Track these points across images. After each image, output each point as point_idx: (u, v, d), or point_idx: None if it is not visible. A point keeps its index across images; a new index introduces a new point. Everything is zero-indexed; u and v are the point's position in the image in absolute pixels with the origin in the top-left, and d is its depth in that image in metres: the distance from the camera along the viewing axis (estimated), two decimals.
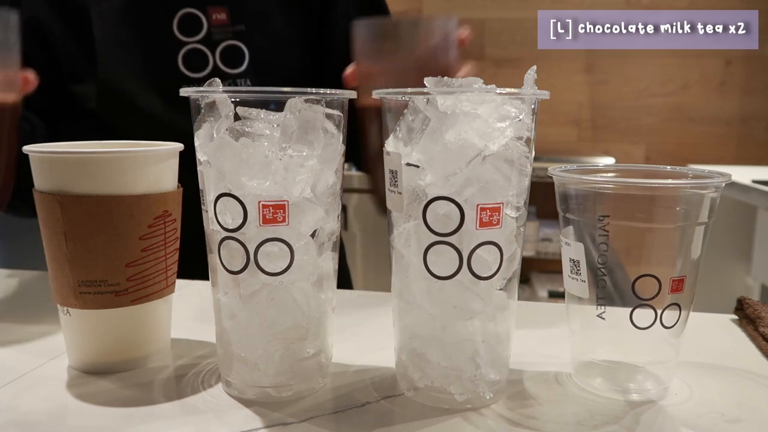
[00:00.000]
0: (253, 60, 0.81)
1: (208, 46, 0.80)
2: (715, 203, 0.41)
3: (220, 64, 0.80)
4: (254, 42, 0.81)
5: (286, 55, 0.85)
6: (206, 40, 0.80)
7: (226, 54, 0.80)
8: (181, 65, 0.80)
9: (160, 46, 0.80)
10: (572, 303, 0.44)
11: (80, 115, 0.81)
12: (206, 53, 0.80)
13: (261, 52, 0.82)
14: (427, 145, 0.39)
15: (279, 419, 0.39)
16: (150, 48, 0.80)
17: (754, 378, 0.47)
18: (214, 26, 0.80)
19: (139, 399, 0.42)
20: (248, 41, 0.81)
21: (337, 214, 0.43)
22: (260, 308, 0.41)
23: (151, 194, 0.45)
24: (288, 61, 0.85)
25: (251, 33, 0.81)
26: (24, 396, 0.43)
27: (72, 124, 0.83)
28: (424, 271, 0.40)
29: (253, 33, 0.81)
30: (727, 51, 2.63)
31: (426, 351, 0.41)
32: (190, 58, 0.80)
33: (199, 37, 0.80)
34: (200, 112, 0.41)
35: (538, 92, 0.39)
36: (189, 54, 0.80)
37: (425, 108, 0.39)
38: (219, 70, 0.80)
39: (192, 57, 0.80)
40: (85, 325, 0.46)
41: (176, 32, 0.80)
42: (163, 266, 0.47)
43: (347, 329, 0.54)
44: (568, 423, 0.40)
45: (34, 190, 0.45)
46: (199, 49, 0.80)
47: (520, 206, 0.40)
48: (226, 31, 0.80)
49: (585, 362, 0.45)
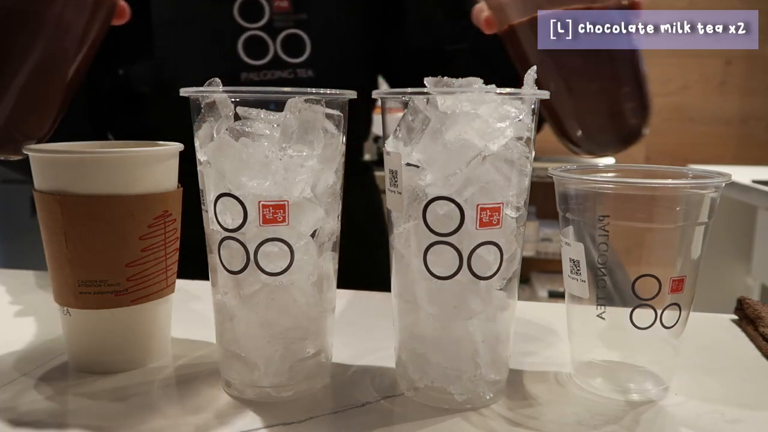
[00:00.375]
0: (315, 50, 0.78)
1: (269, 33, 0.78)
2: (715, 203, 0.41)
3: (280, 53, 0.78)
4: (316, 31, 0.79)
5: (349, 45, 0.82)
6: (267, 27, 0.77)
7: (287, 42, 0.78)
8: (240, 51, 0.77)
9: (220, 30, 0.77)
10: (572, 303, 0.44)
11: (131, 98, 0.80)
12: (267, 41, 0.77)
13: (323, 42, 0.79)
14: (427, 145, 0.39)
15: (279, 419, 0.39)
16: (210, 32, 0.78)
17: (754, 378, 0.47)
18: (276, 13, 0.78)
19: (139, 399, 0.42)
20: (310, 30, 0.78)
21: (337, 214, 0.43)
22: (260, 308, 0.41)
23: (151, 194, 0.45)
24: (350, 51, 0.83)
25: (313, 22, 0.79)
26: (24, 396, 0.43)
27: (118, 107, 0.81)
28: (424, 271, 0.40)
29: (316, 22, 0.79)
30: (727, 51, 2.63)
31: (426, 351, 0.41)
32: (251, 44, 0.77)
33: (261, 23, 0.77)
34: (200, 112, 0.41)
35: (538, 92, 0.39)
36: (249, 40, 0.77)
37: (425, 108, 0.39)
38: (279, 58, 0.78)
39: (252, 44, 0.77)
40: (85, 325, 0.46)
41: (237, 17, 0.77)
42: (163, 266, 0.47)
43: (347, 329, 0.54)
44: (568, 423, 0.40)
45: (34, 191, 0.45)
46: (259, 36, 0.77)
47: (520, 206, 0.40)
48: (288, 19, 0.78)
49: (585, 362, 0.45)
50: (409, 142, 0.40)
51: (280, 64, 0.78)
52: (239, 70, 0.77)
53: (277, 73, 0.78)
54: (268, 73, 0.78)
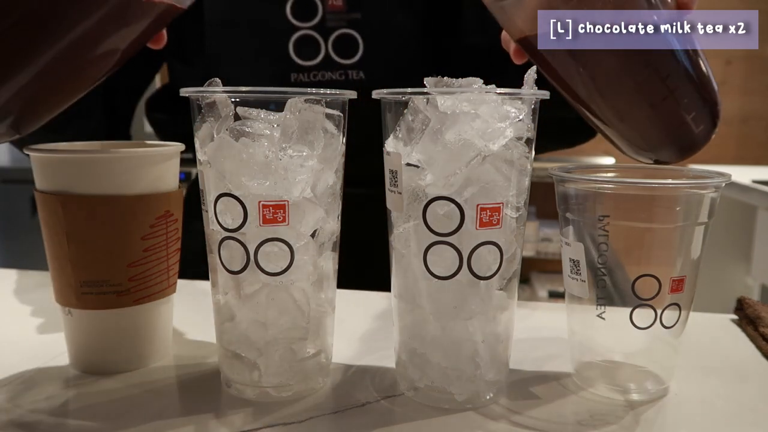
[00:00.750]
0: (367, 51, 0.76)
1: (321, 33, 0.75)
2: (715, 203, 0.41)
3: (332, 53, 0.76)
4: (370, 32, 0.76)
5: (404, 46, 0.79)
6: (320, 26, 0.75)
7: (339, 43, 0.76)
8: (291, 52, 0.75)
9: (272, 29, 0.75)
10: (572, 303, 0.44)
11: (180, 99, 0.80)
12: (319, 40, 0.75)
13: (376, 42, 0.76)
14: (427, 145, 0.39)
15: (279, 419, 0.40)
16: (261, 32, 0.76)
17: (754, 378, 0.47)
18: (329, 12, 0.75)
19: (139, 399, 0.42)
20: (363, 30, 0.76)
21: (337, 214, 0.43)
22: (260, 308, 0.41)
23: (152, 194, 0.45)
24: (405, 53, 0.79)
25: (367, 22, 0.76)
26: (24, 396, 0.43)
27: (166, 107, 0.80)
28: (424, 271, 0.40)
29: (370, 22, 0.76)
30: (727, 51, 2.63)
31: (426, 351, 0.41)
32: (302, 44, 0.75)
33: (313, 23, 0.75)
34: (200, 112, 0.41)
35: (538, 92, 0.39)
36: (301, 40, 0.75)
37: (425, 108, 0.39)
38: (331, 59, 0.76)
39: (303, 43, 0.75)
40: (86, 325, 0.46)
41: (289, 16, 0.75)
42: (165, 266, 0.47)
43: (347, 329, 0.54)
44: (568, 423, 0.40)
45: (35, 191, 0.45)
46: (311, 36, 0.75)
47: (520, 206, 0.41)
48: (342, 18, 0.75)
49: (585, 362, 0.45)
50: (409, 142, 0.40)
51: (331, 65, 0.76)
52: (289, 71, 0.75)
53: (328, 74, 0.76)
54: (318, 74, 0.76)
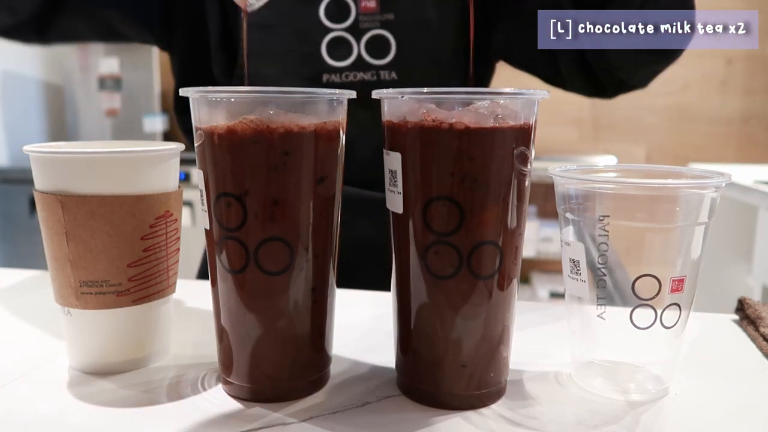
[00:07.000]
0: (400, 51, 0.76)
1: (354, 34, 0.76)
2: (716, 203, 0.41)
3: (364, 54, 0.76)
4: (403, 33, 0.76)
5: (436, 49, 0.79)
6: (352, 28, 0.76)
7: (371, 44, 0.76)
8: (324, 53, 0.75)
9: (305, 31, 0.76)
10: (572, 303, 0.44)
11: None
12: (351, 42, 0.76)
13: (409, 44, 0.77)
14: None
15: (279, 419, 0.40)
16: (294, 33, 0.76)
17: (754, 378, 0.47)
18: (362, 14, 0.75)
19: (139, 399, 0.42)
20: (396, 32, 0.76)
21: (337, 214, 0.43)
22: (260, 308, 0.41)
23: (152, 194, 0.45)
24: (438, 53, 0.79)
25: (401, 23, 0.76)
26: (24, 396, 0.43)
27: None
28: (424, 271, 0.40)
29: (403, 23, 0.76)
30: (728, 50, 2.63)
31: (426, 351, 0.41)
32: (334, 46, 0.76)
33: (346, 24, 0.75)
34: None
35: (538, 92, 0.39)
36: (333, 42, 0.76)
37: None
38: (363, 60, 0.76)
39: (336, 45, 0.76)
40: (86, 325, 0.46)
41: (322, 18, 0.75)
42: (165, 266, 0.47)
43: (346, 329, 0.54)
44: (568, 423, 0.40)
45: (34, 191, 0.45)
46: (343, 38, 0.76)
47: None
48: (375, 19, 0.76)
49: (585, 362, 0.45)
50: None
51: (363, 66, 0.76)
52: (321, 72, 0.75)
53: (360, 75, 0.76)
54: (350, 75, 0.76)
